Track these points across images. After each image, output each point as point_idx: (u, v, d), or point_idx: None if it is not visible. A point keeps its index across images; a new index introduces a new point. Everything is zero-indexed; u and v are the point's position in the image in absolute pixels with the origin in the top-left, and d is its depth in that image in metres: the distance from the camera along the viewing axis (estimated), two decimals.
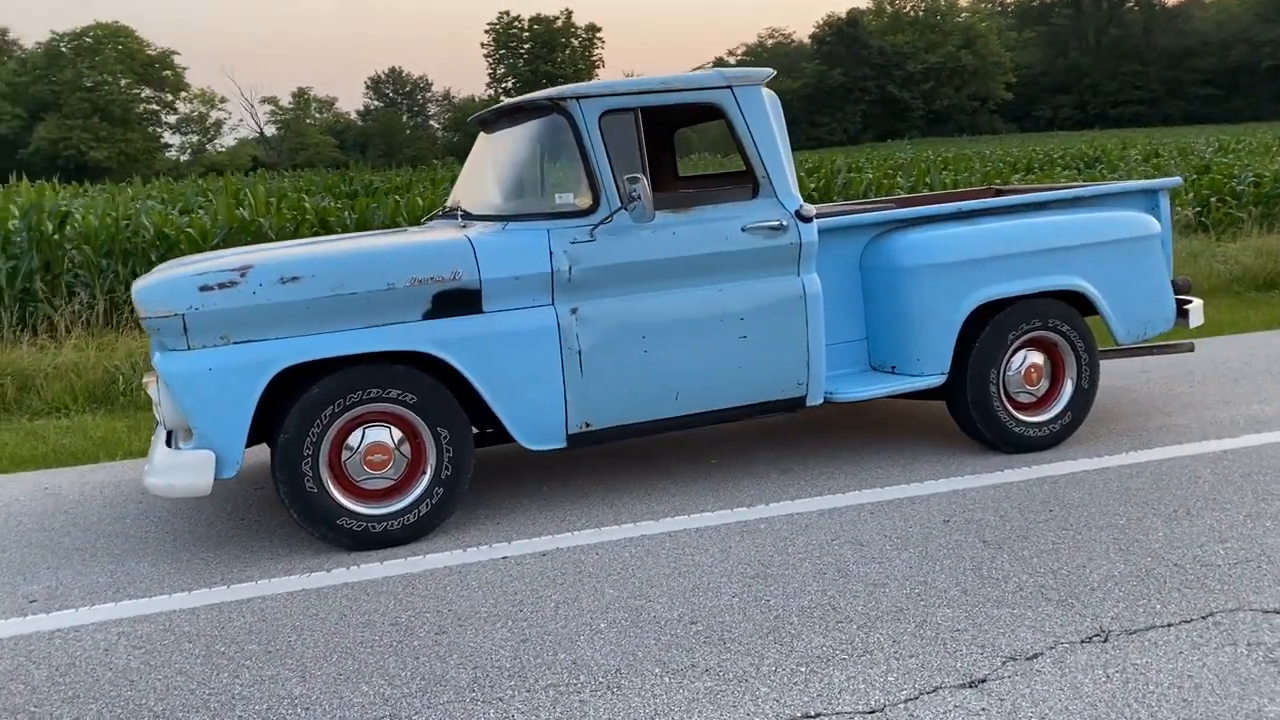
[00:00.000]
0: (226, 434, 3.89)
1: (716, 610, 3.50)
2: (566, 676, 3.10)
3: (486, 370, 4.15)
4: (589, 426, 4.34)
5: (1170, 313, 5.27)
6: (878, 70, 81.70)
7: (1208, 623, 3.25)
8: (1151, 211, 5.37)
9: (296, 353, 3.93)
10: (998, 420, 4.93)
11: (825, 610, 3.46)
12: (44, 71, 70.68)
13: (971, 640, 3.21)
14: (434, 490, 4.18)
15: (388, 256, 4.06)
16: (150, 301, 3.87)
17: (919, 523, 4.21)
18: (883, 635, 3.27)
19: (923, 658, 3.12)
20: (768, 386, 4.57)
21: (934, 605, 3.46)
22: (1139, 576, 3.60)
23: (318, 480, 4.03)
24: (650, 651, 3.23)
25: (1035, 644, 3.17)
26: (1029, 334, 4.96)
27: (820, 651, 3.18)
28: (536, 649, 3.28)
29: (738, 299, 4.46)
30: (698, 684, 3.02)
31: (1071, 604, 3.42)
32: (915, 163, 17.65)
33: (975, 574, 3.69)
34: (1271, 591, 3.43)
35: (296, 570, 4.02)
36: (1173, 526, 4.03)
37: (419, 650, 3.31)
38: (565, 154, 4.44)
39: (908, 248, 4.80)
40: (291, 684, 3.13)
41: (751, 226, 4.46)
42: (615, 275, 4.29)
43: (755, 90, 4.56)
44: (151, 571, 4.12)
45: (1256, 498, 4.29)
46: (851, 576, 3.72)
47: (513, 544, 4.19)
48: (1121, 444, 5.13)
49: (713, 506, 4.52)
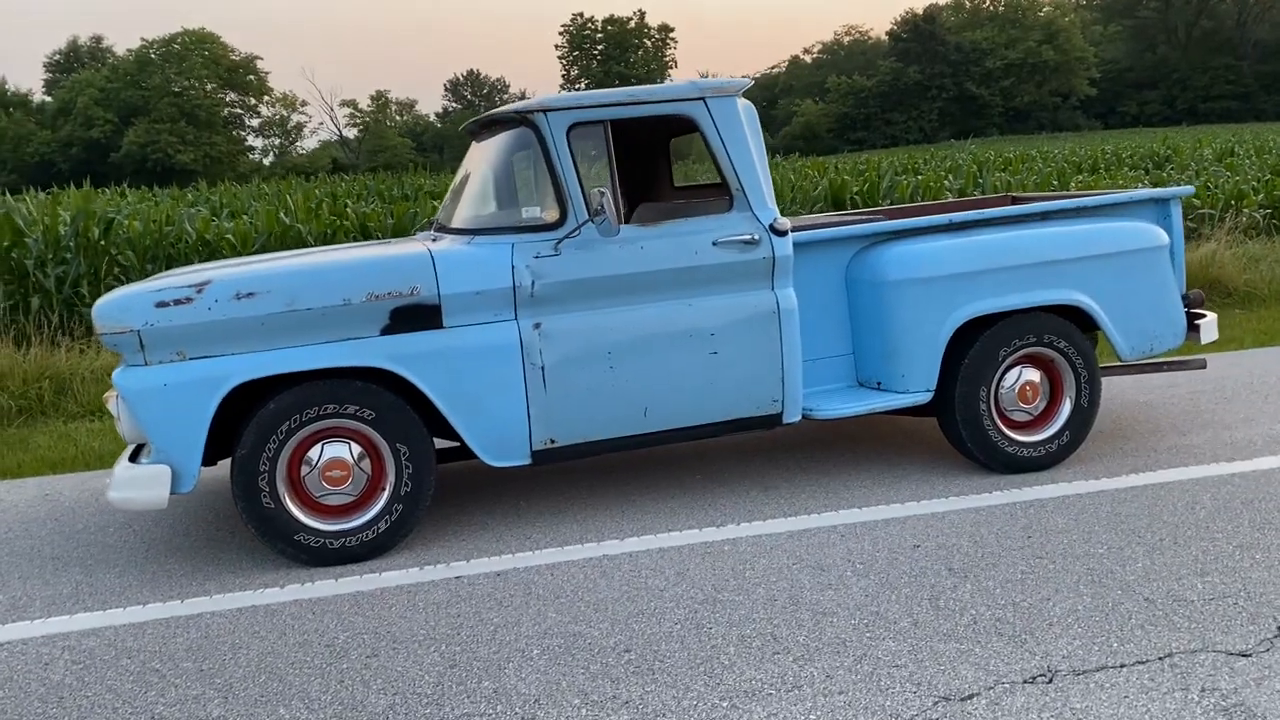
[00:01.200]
0: (183, 449, 3.92)
1: (655, 638, 3.41)
2: (484, 706, 3.05)
3: (446, 386, 4.11)
4: (554, 443, 4.28)
5: (1180, 328, 5.03)
6: (955, 67, 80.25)
7: (1164, 664, 3.07)
8: (1162, 221, 5.13)
9: (251, 369, 3.93)
10: (989, 439, 4.75)
11: (765, 640, 3.35)
12: (134, 78, 72.98)
13: (908, 677, 3.08)
14: (393, 507, 4.16)
15: (344, 272, 4.05)
16: (107, 318, 3.91)
17: (887, 547, 4.07)
18: (817, 669, 3.15)
19: (852, 695, 2.99)
20: (741, 404, 4.46)
21: (879, 638, 3.33)
22: (1104, 611, 3.42)
23: (275, 496, 4.03)
24: (575, 681, 3.16)
25: (975, 683, 3.02)
26: (1023, 350, 4.77)
27: (749, 685, 3.08)
28: (462, 675, 3.23)
29: (708, 314, 4.36)
30: (613, 718, 2.94)
31: (1024, 640, 3.26)
32: (967, 165, 17.22)
33: (931, 605, 3.55)
34: (1241, 631, 3.23)
35: (253, 585, 4.03)
36: (1154, 557, 3.83)
37: (346, 674, 3.28)
38: (534, 167, 4.38)
39: (891, 261, 4.65)
40: (213, 705, 3.13)
41: (723, 240, 4.36)
42: (580, 290, 4.22)
43: (730, 101, 4.45)
44: (116, 583, 4.17)
45: (1252, 526, 4.07)
46: (802, 604, 3.60)
47: (471, 563, 4.14)
48: (1124, 465, 4.91)
49: (683, 526, 4.43)
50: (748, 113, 4.53)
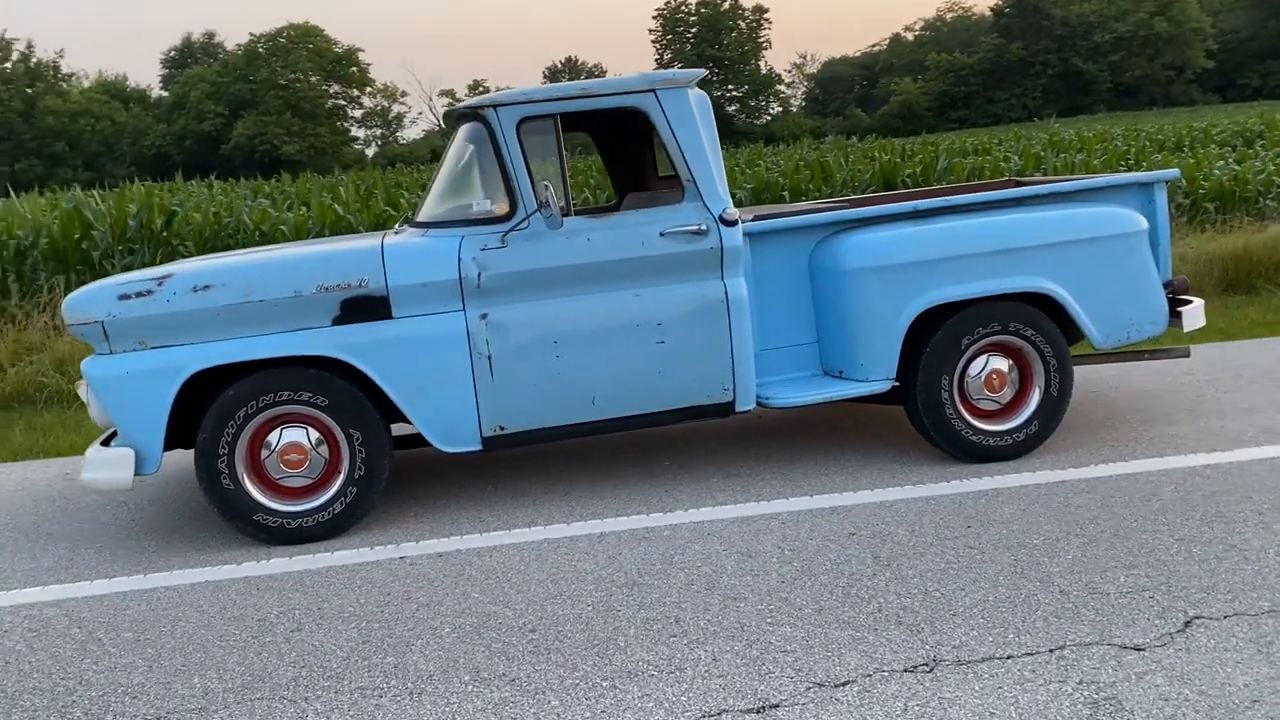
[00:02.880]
0: (145, 433, 4.16)
1: (563, 619, 3.52)
2: (379, 680, 3.20)
3: (395, 374, 4.27)
4: (503, 430, 4.41)
5: (1160, 315, 4.90)
6: (1060, 42, 77.72)
7: (1051, 656, 3.06)
8: (1147, 206, 5.01)
9: (208, 357, 4.15)
10: (952, 428, 4.72)
11: (668, 624, 3.43)
12: (243, 72, 75.53)
13: (792, 663, 3.12)
14: (348, 490, 4.34)
15: (296, 265, 4.23)
16: (74, 310, 4.17)
17: (823, 535, 4.09)
18: (705, 653, 3.22)
19: (730, 678, 3.06)
20: (690, 392, 4.52)
21: (779, 623, 3.38)
22: (1013, 603, 3.41)
23: (234, 477, 4.25)
24: (473, 659, 3.29)
25: (854, 670, 3.06)
26: (987, 339, 4.72)
27: (634, 666, 3.17)
28: (370, 651, 3.39)
29: (656, 304, 4.43)
30: (495, 694, 3.06)
31: (921, 630, 3.27)
32: (1027, 146, 16.74)
33: (843, 593, 3.58)
34: (1145, 625, 3.19)
35: (214, 563, 4.26)
36: (1088, 549, 3.79)
37: (266, 647, 3.47)
38: (487, 161, 4.50)
39: (850, 249, 4.65)
40: (137, 673, 3.34)
41: (670, 231, 4.42)
42: (526, 281, 4.33)
43: (681, 93, 4.50)
44: (96, 558, 4.44)
45: (1203, 520, 3.98)
46: (716, 589, 3.67)
47: (420, 544, 4.30)
48: (1097, 455, 4.82)
49: (634, 511, 4.51)
50: (700, 104, 4.57)
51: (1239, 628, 3.14)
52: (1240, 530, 3.85)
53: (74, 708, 3.15)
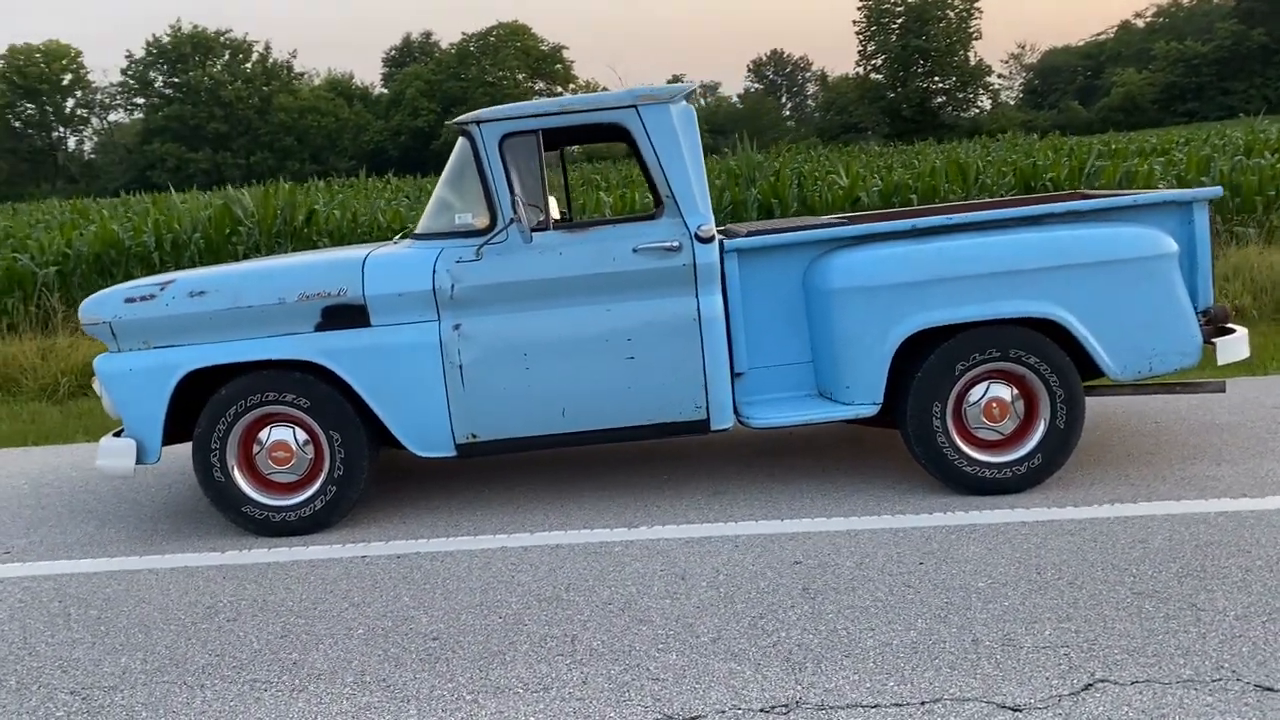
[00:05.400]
0: (147, 426, 4.51)
1: (470, 629, 3.60)
2: (275, 674, 3.37)
3: (371, 380, 4.46)
4: (475, 438, 4.52)
5: (1191, 346, 4.52)
6: None
7: (920, 709, 2.92)
8: (1185, 226, 4.63)
9: (200, 358, 4.46)
10: (944, 457, 4.52)
11: (562, 642, 3.46)
12: (455, 70, 79.08)
13: (655, 692, 3.10)
14: (327, 488, 4.57)
15: (281, 274, 4.48)
16: (87, 312, 4.56)
17: (767, 561, 4.01)
18: (580, 674, 3.23)
19: (588, 702, 3.06)
20: (662, 408, 4.51)
21: (668, 650, 3.35)
22: (917, 649, 3.26)
23: (225, 471, 4.54)
24: (366, 661, 3.42)
25: (711, 705, 3.01)
26: (985, 365, 4.48)
27: (505, 683, 3.21)
28: (282, 645, 3.57)
29: (626, 319, 4.44)
30: (366, 698, 3.18)
31: (804, 669, 3.18)
32: (1191, 149, 15.43)
33: (751, 624, 3.50)
34: (1039, 684, 2.99)
35: (204, 549, 4.57)
36: (1030, 597, 3.56)
37: (197, 633, 3.71)
38: (472, 176, 4.62)
39: (837, 269, 4.51)
40: (79, 648, 3.64)
41: (643, 247, 4.42)
42: (498, 294, 4.43)
43: (662, 109, 4.48)
44: (117, 536, 4.85)
45: (1176, 574, 3.66)
46: (630, 610, 3.66)
47: (388, 544, 4.48)
48: (1109, 494, 4.50)
49: (602, 525, 4.54)
50: (683, 119, 4.53)
51: (1140, 696, 2.90)
52: (1210, 588, 3.53)
53: (10, 676, 3.47)
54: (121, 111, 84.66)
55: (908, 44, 79.08)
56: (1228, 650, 3.12)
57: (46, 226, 14.10)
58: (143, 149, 76.43)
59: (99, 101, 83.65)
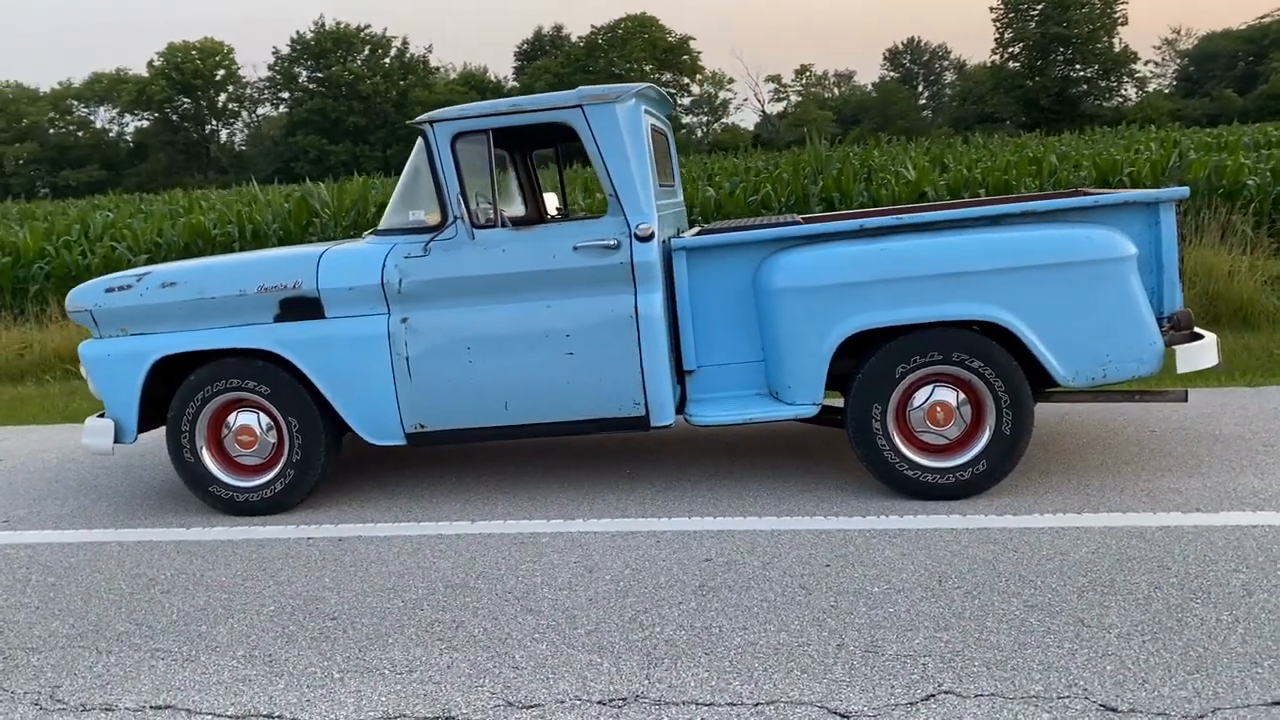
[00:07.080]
0: (123, 408, 4.82)
1: (367, 612, 3.75)
2: (177, 645, 3.58)
3: (324, 369, 4.66)
4: (423, 428, 4.68)
5: (1148, 352, 4.35)
6: None
7: (753, 710, 2.94)
8: (1151, 228, 4.45)
9: (170, 345, 4.74)
10: (884, 460, 4.46)
11: (446, 627, 3.57)
12: (583, 63, 79.96)
13: (506, 679, 3.19)
14: (286, 472, 4.80)
15: (242, 267, 4.72)
16: (72, 300, 4.90)
17: (678, 558, 4.05)
18: (446, 659, 3.34)
19: (440, 686, 3.17)
20: (601, 404, 4.58)
21: (539, 641, 3.43)
22: (777, 650, 3.26)
23: (194, 451, 4.82)
24: (261, 638, 3.60)
25: (551, 695, 3.08)
26: (925, 368, 4.41)
27: (375, 664, 3.35)
28: (196, 619, 3.79)
29: (565, 316, 4.52)
30: (246, 670, 3.35)
31: (659, 664, 3.22)
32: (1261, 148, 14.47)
33: (631, 619, 3.55)
34: (882, 692, 2.97)
35: (175, 525, 4.85)
36: (919, 605, 3.51)
37: (127, 602, 3.96)
38: (426, 174, 4.76)
39: (780, 269, 4.49)
40: (22, 612, 3.95)
41: (583, 245, 4.49)
42: (443, 289, 4.57)
43: (608, 108, 4.54)
44: (106, 510, 5.19)
45: (1080, 589, 3.56)
46: (525, 600, 3.75)
47: (338, 527, 4.68)
48: (1055, 504, 4.37)
49: (545, 515, 4.64)
50: (629, 119, 4.57)
51: (976, 709, 2.86)
52: (1106, 604, 3.42)
53: None
54: (269, 105, 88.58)
55: (1047, 31, 76.25)
56: (1090, 669, 3.03)
57: (146, 216, 14.94)
58: (287, 141, 79.78)
59: (249, 96, 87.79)
